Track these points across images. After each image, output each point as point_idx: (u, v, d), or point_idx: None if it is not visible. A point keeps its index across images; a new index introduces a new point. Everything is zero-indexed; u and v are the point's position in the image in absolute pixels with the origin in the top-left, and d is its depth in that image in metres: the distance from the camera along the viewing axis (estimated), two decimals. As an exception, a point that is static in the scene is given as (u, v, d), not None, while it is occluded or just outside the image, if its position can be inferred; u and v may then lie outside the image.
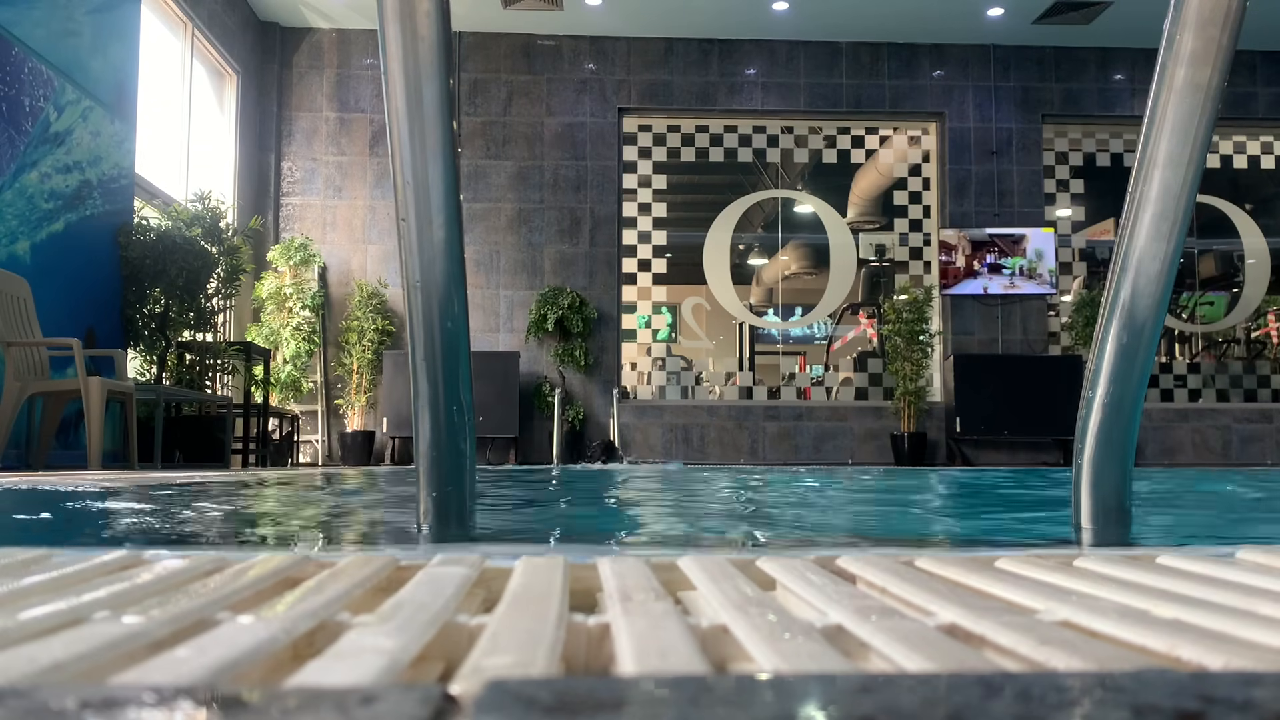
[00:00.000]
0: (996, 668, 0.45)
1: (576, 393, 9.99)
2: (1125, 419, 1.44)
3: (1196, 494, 4.12)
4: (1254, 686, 0.34)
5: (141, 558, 0.77)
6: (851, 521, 2.77)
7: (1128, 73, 10.54)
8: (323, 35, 10.28)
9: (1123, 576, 0.70)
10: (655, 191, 10.57)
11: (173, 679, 0.39)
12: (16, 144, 5.83)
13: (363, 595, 0.64)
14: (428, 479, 1.45)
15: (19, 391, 5.28)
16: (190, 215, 7.28)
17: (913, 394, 9.89)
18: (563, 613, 0.55)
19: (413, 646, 0.46)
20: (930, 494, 4.12)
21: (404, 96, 1.32)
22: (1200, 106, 1.31)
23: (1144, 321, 1.38)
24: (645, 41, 10.43)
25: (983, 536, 2.35)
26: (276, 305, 9.45)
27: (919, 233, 10.67)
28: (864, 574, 0.72)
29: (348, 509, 3.01)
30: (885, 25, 10.12)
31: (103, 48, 6.81)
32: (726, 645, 0.52)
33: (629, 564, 0.74)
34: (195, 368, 7.48)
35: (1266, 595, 0.60)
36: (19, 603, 0.56)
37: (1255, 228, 10.81)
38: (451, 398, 1.42)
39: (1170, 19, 1.31)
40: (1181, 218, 1.35)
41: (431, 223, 1.36)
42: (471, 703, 0.33)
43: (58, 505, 2.61)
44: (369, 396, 9.73)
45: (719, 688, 0.35)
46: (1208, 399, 10.53)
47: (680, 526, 2.47)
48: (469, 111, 10.25)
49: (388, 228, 9.97)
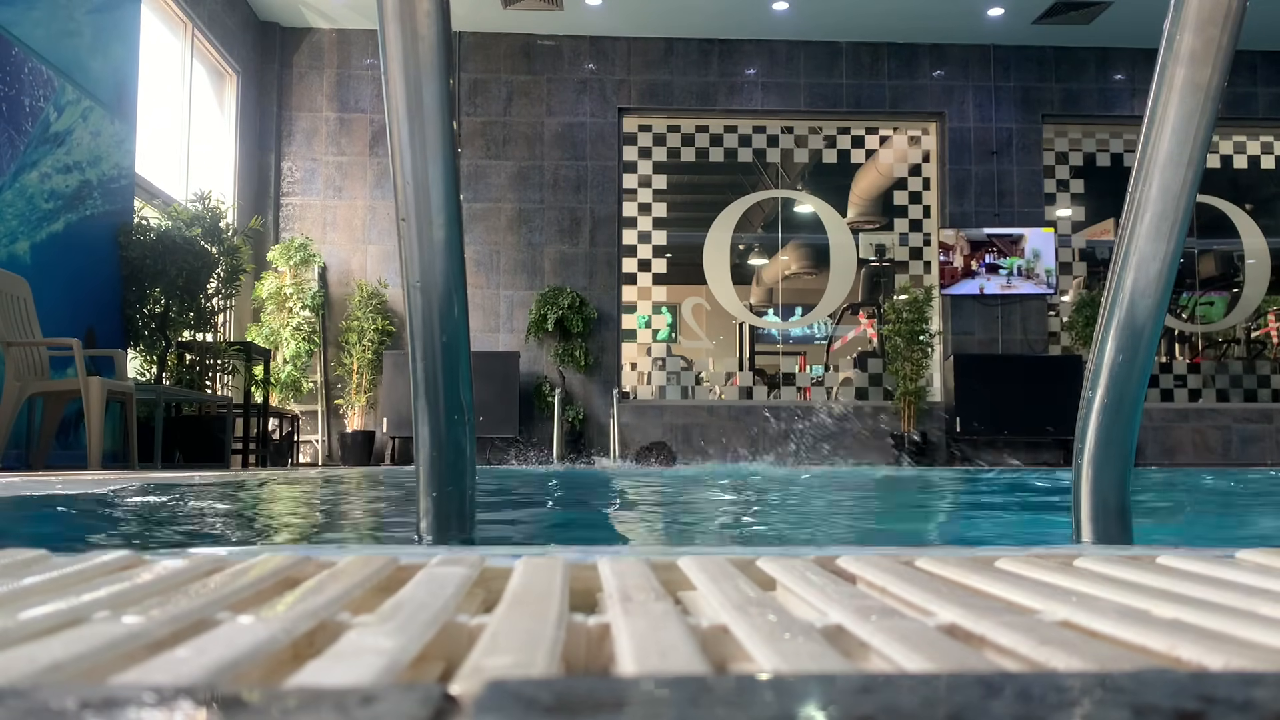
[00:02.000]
0: (996, 668, 0.45)
1: (576, 393, 9.99)
2: (1125, 419, 1.44)
3: (1196, 494, 4.12)
4: (1254, 686, 0.34)
5: (141, 558, 0.77)
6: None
7: (1128, 73, 10.54)
8: (323, 35, 10.28)
9: (1123, 576, 0.70)
10: (655, 191, 10.57)
11: (173, 679, 0.39)
12: (16, 144, 5.82)
13: (363, 595, 0.64)
14: (428, 479, 1.45)
15: (19, 391, 5.28)
16: (190, 215, 7.28)
17: (913, 394, 9.89)
18: (563, 613, 0.55)
19: (413, 646, 0.46)
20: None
21: (404, 96, 1.32)
22: (1200, 106, 1.31)
23: (1144, 321, 1.38)
24: (645, 41, 10.43)
25: (983, 537, 2.35)
26: (276, 305, 9.45)
27: (919, 233, 10.67)
28: (864, 574, 0.72)
29: (348, 509, 3.01)
30: (885, 25, 10.12)
31: (103, 48, 6.81)
32: (726, 645, 0.52)
33: (629, 564, 0.74)
34: (195, 368, 7.48)
35: (1266, 595, 0.60)
36: (19, 603, 0.56)
37: (1255, 228, 10.81)
38: (451, 398, 1.42)
39: (1170, 19, 1.31)
40: (1181, 218, 1.35)
41: (431, 223, 1.36)
42: (471, 703, 0.33)
43: (58, 506, 2.61)
44: (369, 396, 9.73)
45: (719, 688, 0.34)
46: (1208, 399, 10.53)
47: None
48: (469, 111, 10.25)
49: (388, 228, 9.97)
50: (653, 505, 3.34)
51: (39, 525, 2.24)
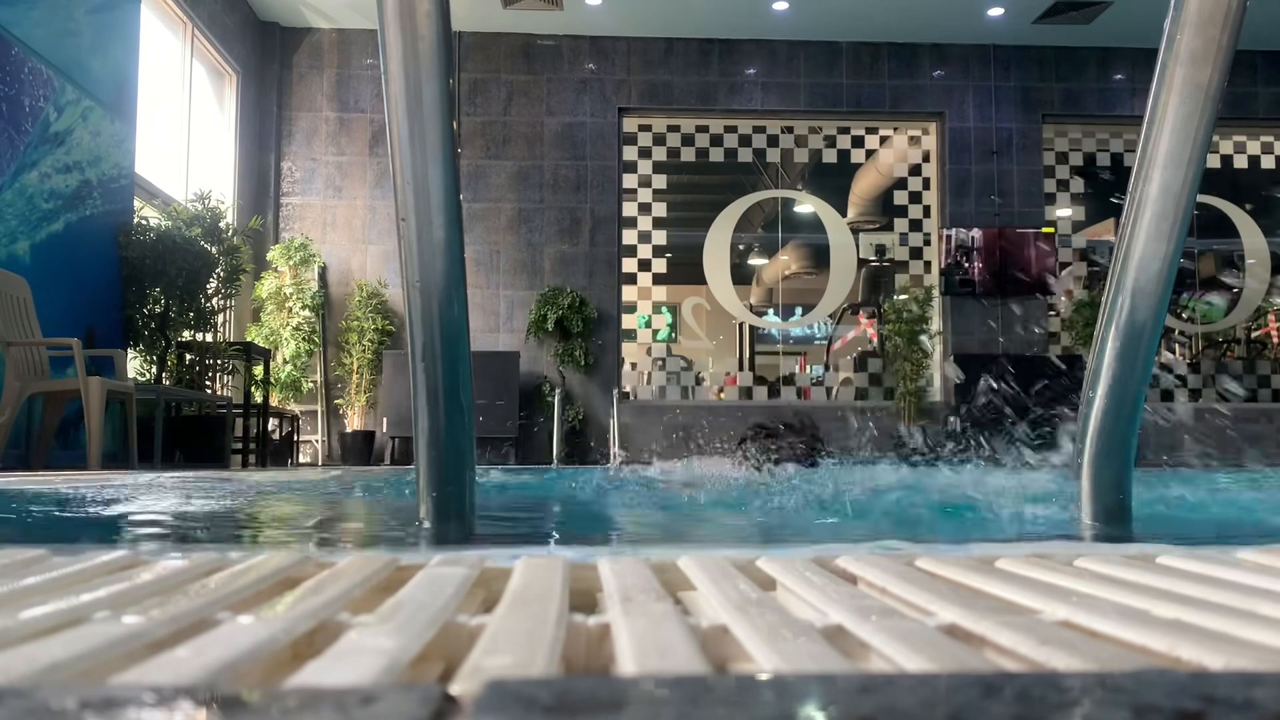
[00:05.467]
0: (997, 668, 0.45)
1: (576, 393, 9.99)
2: (1126, 419, 1.44)
3: (1197, 494, 4.11)
4: (1254, 686, 0.34)
5: (141, 558, 0.77)
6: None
7: (1128, 73, 10.53)
8: (323, 35, 10.28)
9: (1123, 576, 0.70)
10: (655, 191, 10.57)
11: (173, 679, 0.39)
12: (16, 144, 5.82)
13: (363, 595, 0.64)
14: (428, 479, 1.45)
15: (19, 391, 5.28)
16: (190, 215, 7.28)
17: (913, 394, 9.89)
18: (563, 613, 0.55)
19: (413, 646, 0.46)
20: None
21: (404, 96, 1.32)
22: (1200, 106, 1.31)
23: (1144, 321, 1.38)
24: (645, 41, 10.43)
25: (983, 537, 2.35)
26: (276, 305, 9.45)
27: (919, 233, 10.67)
28: (864, 574, 0.72)
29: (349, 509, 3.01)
30: (885, 25, 10.12)
31: (103, 48, 6.81)
32: (726, 645, 0.52)
33: (629, 564, 0.74)
34: (195, 368, 7.48)
35: (1267, 595, 0.60)
36: (19, 603, 0.56)
37: (1255, 228, 10.81)
38: (451, 398, 1.42)
39: (1170, 19, 1.31)
40: (1181, 218, 1.35)
41: (431, 223, 1.36)
42: (471, 703, 0.33)
43: (57, 505, 2.61)
44: (369, 396, 9.73)
45: (719, 688, 0.34)
46: (1208, 399, 10.53)
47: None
48: (469, 111, 10.25)
49: (388, 228, 9.97)
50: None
51: (38, 525, 2.24)
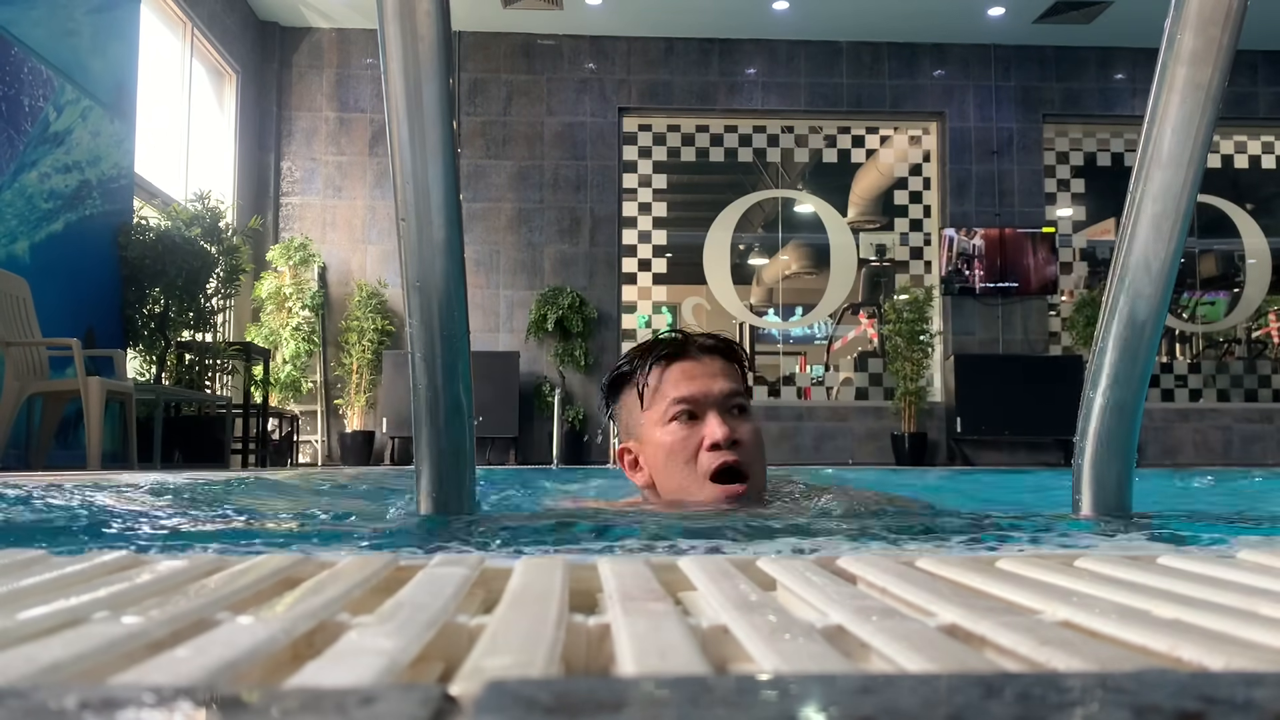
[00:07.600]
0: (997, 668, 0.45)
1: (576, 393, 9.99)
2: (1127, 419, 1.44)
3: (1197, 494, 4.12)
4: (1255, 687, 0.34)
5: (141, 558, 0.77)
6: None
7: (1128, 72, 10.54)
8: (323, 35, 10.28)
9: (1123, 577, 0.70)
10: (655, 191, 10.57)
11: (172, 679, 0.39)
12: (16, 144, 5.82)
13: (362, 595, 0.64)
14: (428, 479, 1.45)
15: (19, 391, 5.28)
16: (190, 215, 7.28)
17: (913, 394, 9.89)
18: (563, 613, 0.55)
19: (412, 647, 0.46)
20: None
21: (404, 96, 1.32)
22: (1201, 106, 1.31)
23: (1145, 321, 1.38)
24: (645, 41, 10.43)
25: (984, 537, 2.35)
26: (276, 305, 9.45)
27: (919, 232, 10.68)
28: (865, 574, 0.72)
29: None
30: (885, 25, 10.12)
31: (102, 48, 6.81)
32: (726, 646, 0.52)
33: (629, 564, 0.74)
34: (195, 368, 7.48)
35: (1267, 595, 0.60)
36: (18, 603, 0.55)
37: (1256, 228, 10.81)
38: (451, 398, 1.42)
39: (1170, 19, 1.31)
40: (1182, 217, 1.35)
41: (431, 223, 1.36)
42: (471, 703, 0.33)
43: (56, 506, 2.61)
44: (369, 396, 9.73)
45: (719, 688, 0.34)
46: (1208, 399, 10.53)
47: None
48: (469, 111, 10.25)
49: (388, 228, 9.97)
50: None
51: (38, 525, 2.24)
